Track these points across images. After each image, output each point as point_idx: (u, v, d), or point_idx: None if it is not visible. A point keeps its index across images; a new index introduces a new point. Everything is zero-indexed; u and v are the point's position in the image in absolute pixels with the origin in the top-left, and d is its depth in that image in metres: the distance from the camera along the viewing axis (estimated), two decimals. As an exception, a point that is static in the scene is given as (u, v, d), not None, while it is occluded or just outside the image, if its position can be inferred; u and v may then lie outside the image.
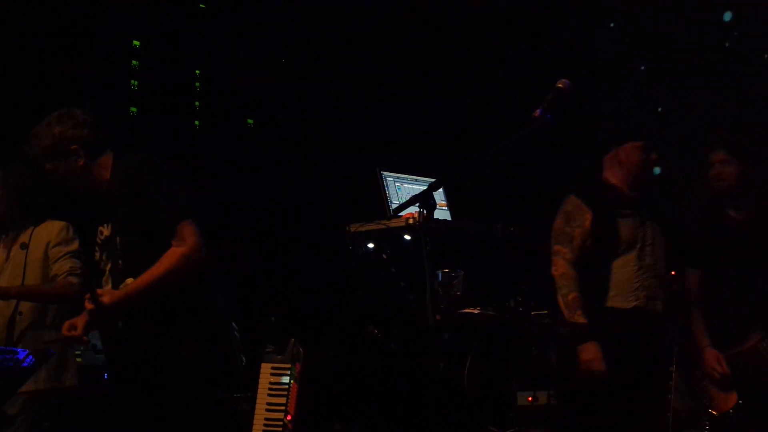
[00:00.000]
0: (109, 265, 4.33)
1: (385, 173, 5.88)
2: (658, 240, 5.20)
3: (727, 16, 7.85)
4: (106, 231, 4.37)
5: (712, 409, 5.22)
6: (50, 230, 5.34)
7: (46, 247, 5.30)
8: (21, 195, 5.33)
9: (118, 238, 4.29)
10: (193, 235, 4.15)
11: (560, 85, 4.08)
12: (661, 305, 5.15)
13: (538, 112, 4.10)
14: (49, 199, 5.42)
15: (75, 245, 5.36)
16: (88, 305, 4.12)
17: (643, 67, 8.38)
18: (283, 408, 5.23)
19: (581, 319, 5.04)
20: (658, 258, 5.17)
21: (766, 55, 7.61)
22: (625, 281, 5.09)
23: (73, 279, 5.25)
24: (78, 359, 5.83)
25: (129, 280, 4.17)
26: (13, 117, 6.80)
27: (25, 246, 5.26)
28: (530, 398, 5.82)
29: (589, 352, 4.98)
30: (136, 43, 7.99)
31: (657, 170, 6.32)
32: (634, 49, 8.42)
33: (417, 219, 5.27)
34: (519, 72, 7.98)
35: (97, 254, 4.41)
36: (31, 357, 4.69)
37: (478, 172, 4.31)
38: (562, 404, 5.45)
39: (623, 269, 5.10)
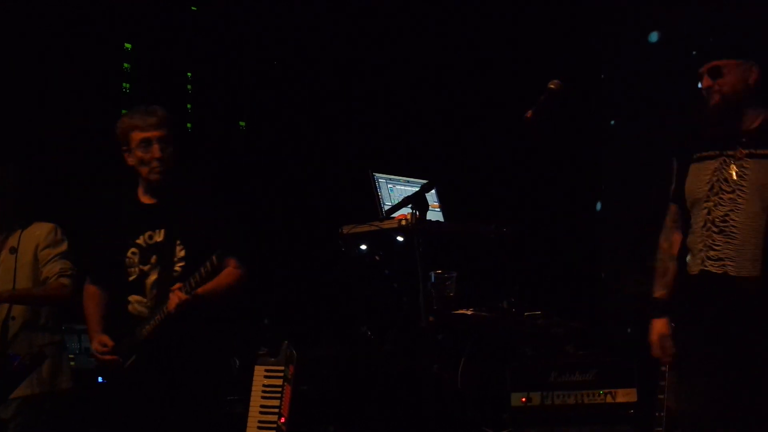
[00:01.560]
0: (149, 267, 4.48)
1: (377, 175, 5.89)
2: (748, 182, 4.14)
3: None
4: (157, 236, 4.51)
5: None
6: (38, 233, 5.34)
7: (35, 250, 5.30)
8: (7, 199, 5.33)
9: (178, 246, 4.48)
10: (246, 261, 4.54)
11: (552, 86, 4.08)
12: (737, 268, 4.11)
13: (530, 114, 4.11)
14: (35, 201, 5.43)
15: (64, 246, 5.36)
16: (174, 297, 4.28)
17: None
18: (276, 410, 5.24)
19: (655, 293, 4.43)
20: (738, 206, 4.14)
21: None
22: (693, 240, 4.27)
23: (64, 280, 5.25)
24: (71, 363, 5.82)
25: (178, 285, 4.31)
26: (2, 120, 6.81)
27: (14, 250, 5.26)
28: (524, 399, 5.81)
29: (654, 331, 4.36)
30: (128, 45, 7.98)
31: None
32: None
33: (409, 220, 5.26)
34: (512, 73, 7.98)
35: (136, 256, 4.49)
36: (21, 360, 4.71)
37: (470, 174, 4.32)
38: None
39: (694, 225, 4.27)
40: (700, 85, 4.27)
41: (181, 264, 4.48)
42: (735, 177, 4.16)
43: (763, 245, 4.05)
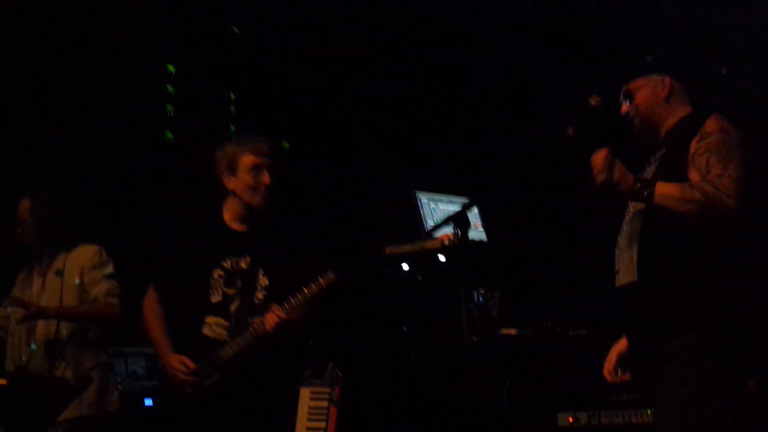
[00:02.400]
0: (233, 292, 4.55)
1: (419, 194, 5.87)
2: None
3: None
4: (243, 263, 4.58)
5: None
6: (84, 255, 5.37)
7: (81, 273, 5.32)
8: (51, 222, 5.36)
9: (261, 275, 4.59)
10: None
11: (592, 102, 4.06)
12: (623, 276, 3.94)
13: (571, 130, 4.08)
14: (79, 224, 5.46)
15: (110, 268, 5.38)
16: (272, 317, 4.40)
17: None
18: (322, 432, 5.22)
19: None
20: (628, 215, 4.04)
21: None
22: None
23: (112, 300, 5.28)
24: (118, 386, 5.84)
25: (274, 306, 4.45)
26: (46, 145, 6.87)
27: (60, 273, 5.29)
28: (571, 419, 5.76)
29: None
30: (171, 68, 8.04)
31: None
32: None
33: (452, 240, 5.24)
34: (553, 91, 7.94)
35: (222, 279, 4.54)
36: (67, 383, 4.74)
37: (513, 192, 4.30)
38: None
39: None
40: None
41: (263, 293, 4.56)
42: None
43: (638, 248, 3.86)
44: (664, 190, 3.70)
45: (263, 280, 4.60)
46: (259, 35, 8.38)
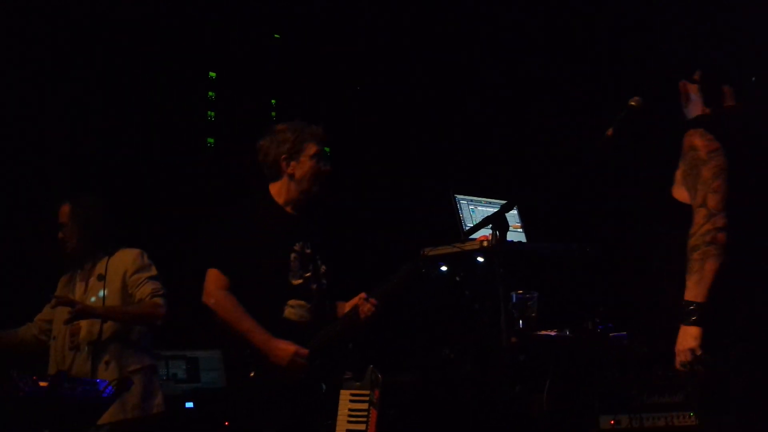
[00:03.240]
0: (309, 274, 4.65)
1: (458, 196, 5.87)
2: None
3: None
4: (307, 249, 4.67)
5: None
6: (125, 259, 5.38)
7: (124, 277, 5.33)
8: (92, 227, 5.38)
9: (319, 263, 4.71)
10: None
11: (633, 103, 4.05)
12: None
13: (610, 131, 4.07)
14: (120, 228, 5.49)
15: (153, 270, 5.39)
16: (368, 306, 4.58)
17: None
18: (363, 435, 5.22)
19: None
20: None
21: None
22: None
23: (158, 300, 5.27)
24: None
25: (362, 295, 4.64)
26: (88, 150, 6.92)
27: (102, 277, 5.31)
28: (612, 421, 5.71)
29: None
30: (212, 74, 8.08)
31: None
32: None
33: (490, 241, 5.23)
34: (593, 91, 7.90)
35: (298, 261, 4.61)
36: (110, 388, 4.74)
37: (552, 193, 4.31)
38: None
39: None
40: None
41: (325, 279, 4.70)
42: None
43: None
44: (693, 291, 3.78)
45: (322, 267, 4.71)
46: (300, 41, 8.40)
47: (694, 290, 3.78)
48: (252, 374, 4.50)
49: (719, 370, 3.77)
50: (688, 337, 3.80)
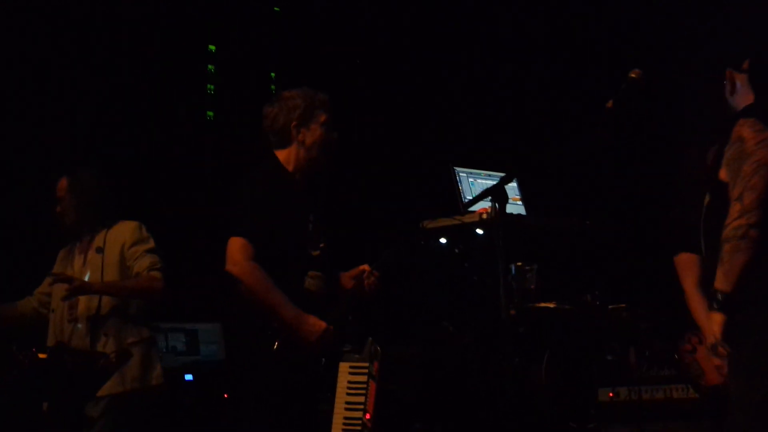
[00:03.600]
0: (323, 246, 4.60)
1: (458, 169, 5.86)
2: None
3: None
4: (317, 220, 4.62)
5: (702, 382, 4.90)
6: (124, 231, 5.36)
7: (122, 249, 5.31)
8: (89, 200, 5.37)
9: (321, 236, 4.63)
10: None
11: (633, 75, 4.04)
12: None
13: (611, 104, 4.07)
14: (118, 201, 5.48)
15: (151, 243, 5.36)
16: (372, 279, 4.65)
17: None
18: (361, 407, 5.19)
19: None
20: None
21: None
22: None
23: (156, 274, 5.24)
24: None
25: (365, 267, 4.67)
26: (87, 124, 6.91)
27: (100, 250, 5.29)
28: (611, 394, 5.73)
29: None
30: (212, 47, 8.06)
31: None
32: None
33: (489, 213, 5.22)
34: (594, 63, 7.89)
35: (313, 232, 4.58)
36: (107, 358, 4.75)
37: (551, 166, 4.30)
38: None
39: None
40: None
41: (328, 251, 4.65)
42: None
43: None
44: (723, 281, 3.81)
45: (324, 248, 4.64)
46: (300, 13, 8.38)
47: (722, 280, 3.83)
48: (276, 345, 4.40)
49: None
50: (713, 323, 3.86)
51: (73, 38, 6.99)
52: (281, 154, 4.63)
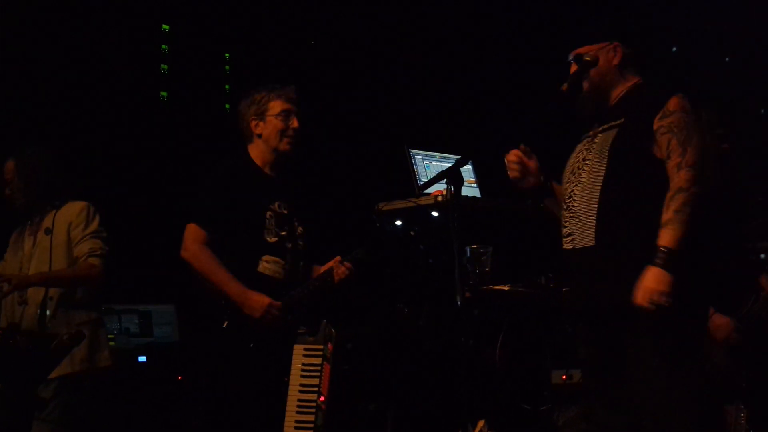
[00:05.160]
0: (285, 233, 4.78)
1: (413, 151, 5.85)
2: (592, 154, 4.07)
3: None
4: (284, 209, 4.80)
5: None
6: (71, 211, 5.34)
7: (68, 229, 5.30)
8: (37, 180, 5.34)
9: (296, 223, 4.84)
10: None
11: (588, 59, 4.08)
12: (577, 240, 4.03)
13: (565, 87, 4.10)
14: (70, 181, 5.44)
15: (95, 225, 5.35)
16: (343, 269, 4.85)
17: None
18: (316, 389, 5.20)
19: None
20: (580, 180, 4.08)
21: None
22: None
23: (93, 260, 5.25)
24: (111, 343, 5.85)
25: (338, 258, 4.86)
26: (36, 104, 6.84)
27: (49, 231, 5.26)
28: (564, 377, 5.77)
29: None
30: (166, 27, 8.00)
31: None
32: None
33: (445, 196, 5.23)
34: (550, 46, 7.90)
35: (273, 220, 4.74)
36: (59, 340, 4.74)
37: (507, 148, 4.31)
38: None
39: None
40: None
41: (301, 240, 4.85)
42: (585, 154, 4.11)
43: (596, 213, 3.92)
44: (670, 238, 3.71)
45: (298, 228, 4.85)
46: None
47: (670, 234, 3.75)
48: (225, 324, 4.64)
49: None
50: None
51: (25, 18, 6.91)
52: (251, 150, 4.89)
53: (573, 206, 4.05)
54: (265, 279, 4.70)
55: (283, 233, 4.77)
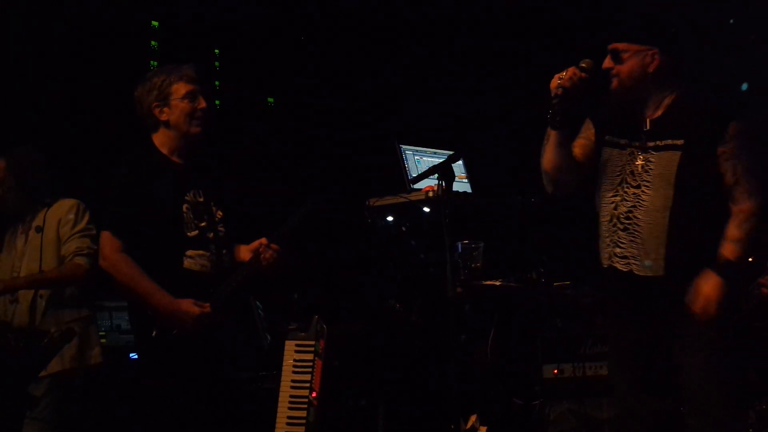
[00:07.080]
0: (205, 224, 4.49)
1: (404, 147, 5.85)
2: (652, 177, 4.04)
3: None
4: (199, 197, 4.48)
5: None
6: (61, 209, 5.34)
7: (58, 226, 5.30)
8: (28, 179, 5.33)
9: (214, 208, 4.55)
10: None
11: (583, 65, 4.04)
12: (640, 268, 4.06)
13: (584, 74, 4.05)
14: (58, 179, 5.42)
15: (83, 224, 5.33)
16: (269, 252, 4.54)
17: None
18: (308, 385, 5.21)
19: None
20: (641, 202, 4.05)
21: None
22: (601, 232, 4.24)
23: (79, 260, 5.23)
24: (102, 340, 5.84)
25: (262, 240, 4.55)
26: (25, 102, 6.81)
27: (39, 229, 5.27)
28: (555, 371, 5.77)
29: None
30: (155, 23, 7.98)
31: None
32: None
33: (436, 191, 5.22)
34: (543, 46, 7.91)
35: (190, 212, 4.44)
36: (50, 337, 4.73)
37: (498, 145, 4.32)
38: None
39: (602, 216, 4.25)
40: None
41: (222, 225, 4.54)
42: (640, 170, 4.06)
43: (666, 243, 3.98)
44: (738, 254, 3.95)
45: (218, 213, 4.55)
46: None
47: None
48: (154, 333, 4.36)
49: None
50: None
51: (13, 16, 6.89)
52: (156, 138, 4.53)
53: (635, 230, 4.07)
54: (193, 275, 4.40)
55: (202, 224, 4.46)
